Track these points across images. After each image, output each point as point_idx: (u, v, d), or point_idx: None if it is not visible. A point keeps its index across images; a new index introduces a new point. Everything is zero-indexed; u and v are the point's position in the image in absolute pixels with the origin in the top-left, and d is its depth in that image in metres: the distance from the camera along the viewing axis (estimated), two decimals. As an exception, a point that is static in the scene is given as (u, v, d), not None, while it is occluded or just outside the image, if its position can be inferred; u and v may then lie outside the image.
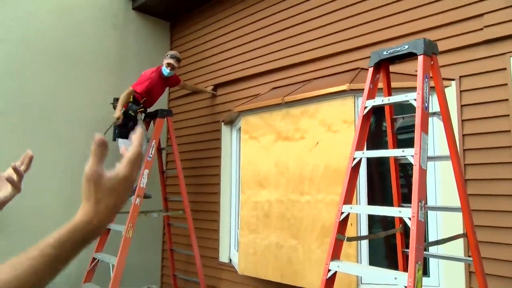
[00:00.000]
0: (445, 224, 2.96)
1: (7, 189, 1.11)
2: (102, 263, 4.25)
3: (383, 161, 2.70)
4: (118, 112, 4.14)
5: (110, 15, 5.24)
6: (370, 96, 2.29)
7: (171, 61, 4.40)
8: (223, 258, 4.63)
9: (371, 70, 2.34)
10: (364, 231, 3.23)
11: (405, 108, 2.47)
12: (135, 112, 4.19)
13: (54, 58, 4.71)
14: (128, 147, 3.81)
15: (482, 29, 2.88)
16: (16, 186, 1.09)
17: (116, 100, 4.35)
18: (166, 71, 4.41)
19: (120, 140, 4.35)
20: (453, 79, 3.00)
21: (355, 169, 2.24)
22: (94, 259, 4.30)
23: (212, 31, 5.14)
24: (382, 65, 2.39)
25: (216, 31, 5.08)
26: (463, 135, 2.92)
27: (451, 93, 2.96)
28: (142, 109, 4.35)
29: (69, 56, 4.82)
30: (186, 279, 4.82)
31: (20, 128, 4.41)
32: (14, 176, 1.09)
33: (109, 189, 0.70)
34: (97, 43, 5.10)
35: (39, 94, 4.57)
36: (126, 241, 3.93)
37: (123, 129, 4.16)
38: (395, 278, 1.87)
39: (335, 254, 2.14)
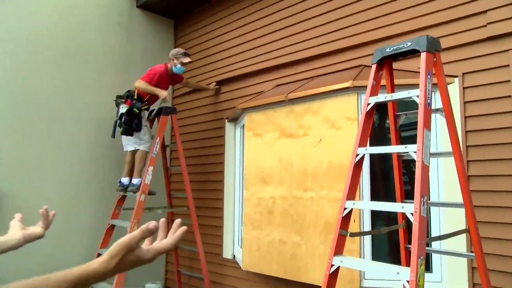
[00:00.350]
0: (448, 220, 2.98)
1: (38, 227, 1.29)
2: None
3: (387, 158, 2.72)
4: (163, 92, 4.31)
5: (114, 13, 5.27)
6: (373, 93, 2.30)
7: (187, 59, 4.46)
8: (227, 254, 4.66)
9: (374, 67, 2.35)
10: (368, 227, 3.25)
11: (409, 105, 2.49)
12: (139, 110, 4.22)
13: (58, 57, 4.75)
14: (134, 144, 3.86)
15: (485, 25, 2.88)
16: (47, 226, 1.30)
17: (119, 97, 4.38)
18: (181, 69, 4.49)
19: (124, 137, 4.39)
20: (456, 76, 3.00)
21: (358, 165, 2.26)
22: (99, 255, 4.34)
23: (216, 29, 5.16)
24: (385, 62, 2.41)
25: (219, 29, 5.10)
26: (466, 132, 2.93)
27: (454, 90, 2.97)
28: (146, 106, 4.38)
29: (72, 55, 4.85)
30: (190, 275, 4.87)
31: (23, 128, 4.45)
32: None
33: (131, 262, 0.83)
34: (101, 42, 5.13)
35: (42, 94, 4.61)
36: (131, 237, 3.96)
37: (128, 127, 4.19)
38: (398, 273, 1.89)
39: (338, 250, 2.16)
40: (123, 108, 4.26)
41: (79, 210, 4.75)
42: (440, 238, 2.44)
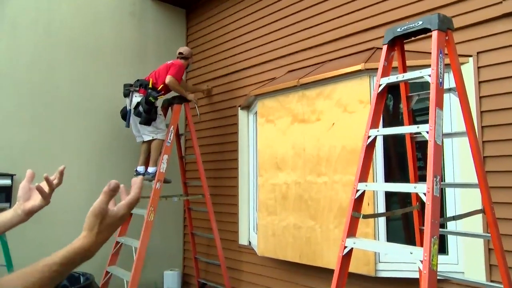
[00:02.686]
0: (464, 202, 2.95)
1: (36, 199, 1.19)
2: (126, 246, 4.40)
3: (403, 142, 2.70)
4: (191, 95, 4.60)
5: (126, 4, 5.30)
6: (385, 73, 2.28)
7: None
8: (243, 240, 4.72)
9: (385, 47, 2.32)
10: (382, 210, 3.24)
11: (425, 87, 2.46)
12: (155, 99, 4.25)
13: (75, 50, 4.82)
14: (151, 134, 3.92)
15: (501, 2, 2.81)
16: (46, 197, 1.17)
17: (128, 86, 4.41)
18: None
19: (139, 127, 4.43)
20: (470, 56, 2.94)
21: (370, 147, 2.25)
22: (117, 242, 4.44)
23: (227, 16, 5.15)
24: (397, 43, 2.37)
25: (231, 16, 5.09)
26: (481, 112, 2.88)
27: (468, 69, 2.91)
28: (162, 95, 4.42)
29: (88, 47, 4.92)
30: (207, 261, 4.95)
31: (43, 119, 4.55)
32: (46, 188, 1.17)
33: (109, 225, 0.85)
34: (115, 33, 5.18)
35: (60, 86, 4.69)
36: (148, 224, 4.05)
37: (148, 115, 4.22)
38: (411, 253, 1.89)
39: (351, 232, 2.17)
40: (137, 97, 4.30)
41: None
42: (454, 218, 2.42)
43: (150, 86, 4.32)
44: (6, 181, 4.02)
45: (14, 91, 4.37)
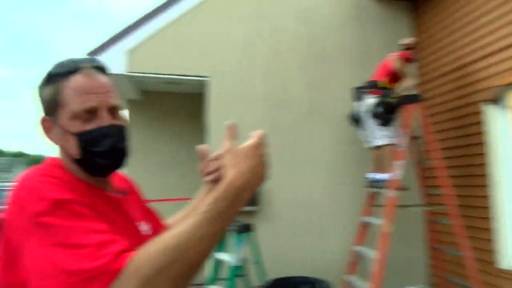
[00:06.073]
0: None
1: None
2: (364, 256, 4.22)
3: None
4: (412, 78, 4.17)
5: (349, 8, 5.23)
6: None
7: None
8: (504, 263, 3.83)
9: None
10: None
11: None
12: (391, 98, 3.97)
13: (300, 58, 4.99)
14: (382, 138, 3.63)
15: None
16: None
17: (359, 88, 4.26)
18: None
19: (372, 131, 4.20)
20: None
21: None
22: (354, 251, 4.32)
23: (461, 6, 4.39)
24: None
25: (465, 6, 4.32)
26: None
27: None
28: (395, 94, 4.11)
29: (312, 54, 5.03)
30: (458, 283, 4.25)
31: (278, 125, 4.82)
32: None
33: (243, 155, 0.89)
34: (339, 38, 5.14)
35: (291, 93, 4.92)
36: (384, 236, 3.76)
37: (387, 116, 3.99)
38: None
39: None
40: (371, 99, 4.11)
41: (335, 205, 4.82)
42: None
43: (383, 85, 4.06)
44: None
45: (252, 100, 4.79)
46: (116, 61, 4.44)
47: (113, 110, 0.98)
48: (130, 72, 4.51)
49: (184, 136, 6.27)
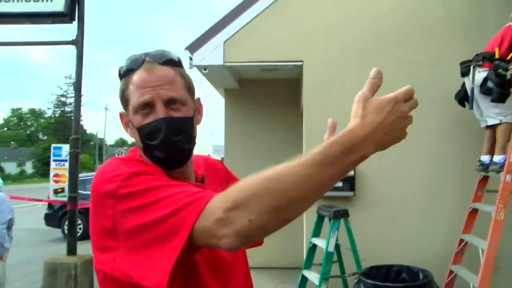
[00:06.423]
0: None
1: None
2: (472, 246, 3.92)
3: None
4: None
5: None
6: None
7: None
8: None
9: None
10: None
11: None
12: (505, 70, 3.55)
13: (398, 37, 4.72)
14: (496, 116, 3.27)
15: None
16: None
17: (467, 62, 3.87)
18: None
19: (483, 109, 3.83)
20: None
21: None
22: (462, 240, 4.03)
23: None
24: None
25: None
26: None
27: None
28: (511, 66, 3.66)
29: (411, 33, 4.71)
30: None
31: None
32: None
33: (375, 108, 0.79)
34: (445, 11, 4.72)
35: (387, 73, 4.62)
36: (496, 224, 3.44)
37: (500, 90, 3.59)
38: None
39: None
40: (481, 73, 3.73)
41: (438, 191, 4.53)
42: None
43: (497, 56, 3.65)
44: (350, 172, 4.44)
45: (348, 83, 4.59)
46: (214, 53, 4.69)
47: (171, 103, 0.96)
48: (228, 62, 4.73)
49: (281, 121, 6.40)
